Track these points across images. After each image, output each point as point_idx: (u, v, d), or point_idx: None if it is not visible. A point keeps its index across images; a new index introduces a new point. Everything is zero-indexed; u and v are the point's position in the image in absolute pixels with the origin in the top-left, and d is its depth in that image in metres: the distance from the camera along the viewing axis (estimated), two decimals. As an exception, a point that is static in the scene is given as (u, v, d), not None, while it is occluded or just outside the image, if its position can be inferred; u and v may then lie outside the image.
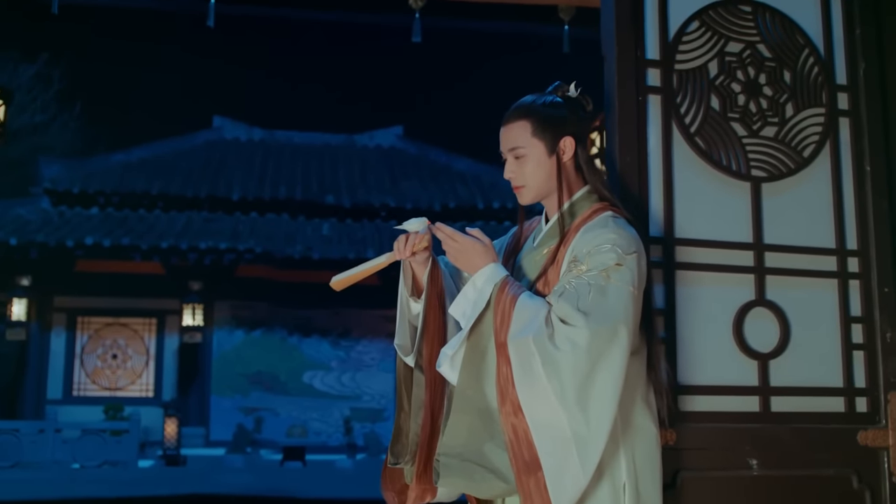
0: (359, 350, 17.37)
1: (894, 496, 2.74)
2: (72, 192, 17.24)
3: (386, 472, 2.40)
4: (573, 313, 2.06)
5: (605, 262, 2.13)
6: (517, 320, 2.09)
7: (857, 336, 2.83)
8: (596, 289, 2.10)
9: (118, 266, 15.96)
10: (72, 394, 16.72)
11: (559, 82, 2.40)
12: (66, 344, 16.95)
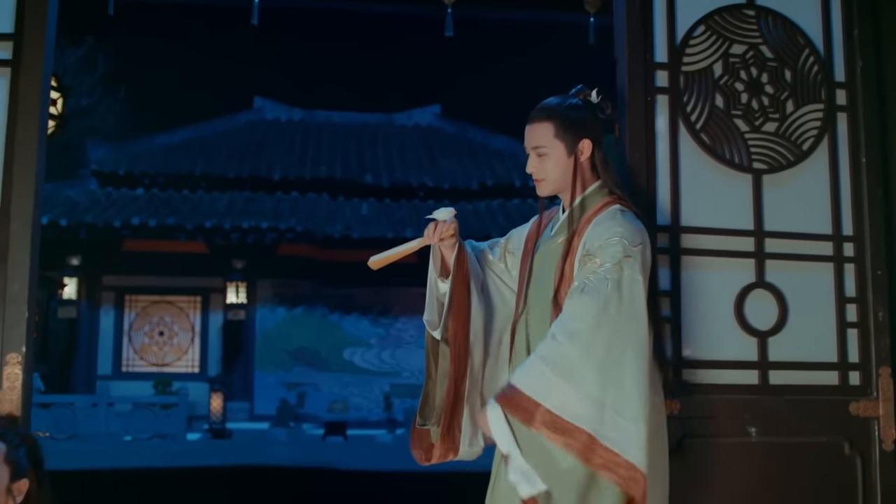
0: (398, 327, 17.68)
1: (883, 462, 2.99)
2: (118, 173, 17.67)
3: (414, 432, 2.69)
4: (596, 304, 2.31)
5: (615, 254, 2.37)
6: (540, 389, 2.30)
7: (852, 315, 3.07)
8: (613, 282, 2.35)
9: (163, 245, 16.38)
10: (121, 369, 17.23)
11: (582, 86, 2.64)
12: (114, 321, 17.44)
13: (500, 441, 2.30)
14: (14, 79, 2.77)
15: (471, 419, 2.60)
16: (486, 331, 2.66)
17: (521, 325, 2.60)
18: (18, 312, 2.66)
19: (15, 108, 2.75)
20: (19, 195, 2.71)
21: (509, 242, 2.78)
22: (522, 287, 2.64)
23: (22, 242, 2.69)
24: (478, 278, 2.66)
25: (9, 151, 2.74)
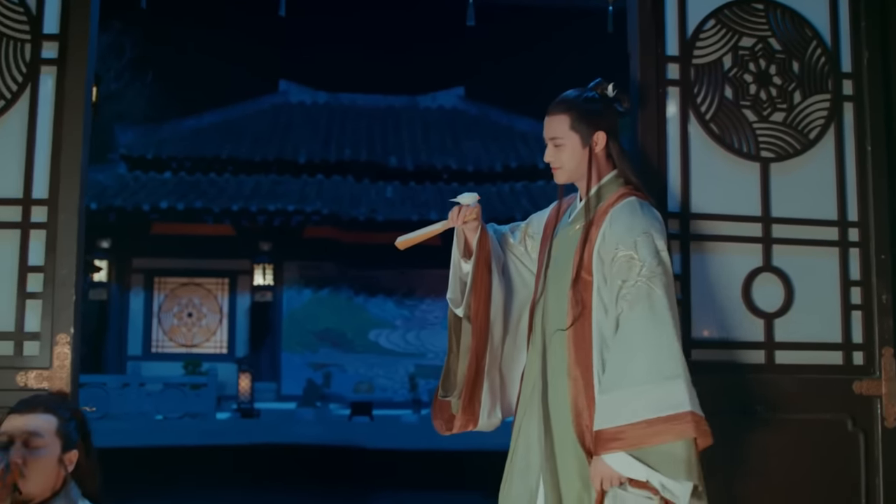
0: (423, 309, 17.87)
1: (885, 438, 3.13)
2: (146, 157, 17.93)
3: (436, 403, 2.86)
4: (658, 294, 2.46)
5: (652, 248, 2.50)
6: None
7: (856, 298, 3.21)
8: (663, 270, 2.49)
9: (191, 228, 16.64)
10: (151, 350, 17.55)
11: (600, 79, 2.77)
12: (144, 303, 17.75)
13: (635, 473, 2.42)
14: (60, 77, 2.94)
15: (490, 393, 2.77)
16: (506, 309, 2.81)
17: (539, 305, 2.74)
18: (67, 296, 2.85)
19: (61, 104, 2.93)
20: (66, 187, 2.89)
21: (529, 226, 2.93)
22: (541, 270, 2.78)
23: (69, 231, 2.87)
24: (499, 260, 2.81)
25: (55, 146, 2.91)
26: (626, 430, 2.39)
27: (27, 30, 2.97)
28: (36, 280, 2.88)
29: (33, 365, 2.83)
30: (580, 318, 2.57)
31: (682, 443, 2.38)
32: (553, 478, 2.58)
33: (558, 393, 2.61)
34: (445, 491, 7.76)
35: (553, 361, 2.65)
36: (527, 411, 2.71)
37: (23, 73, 2.95)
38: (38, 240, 2.89)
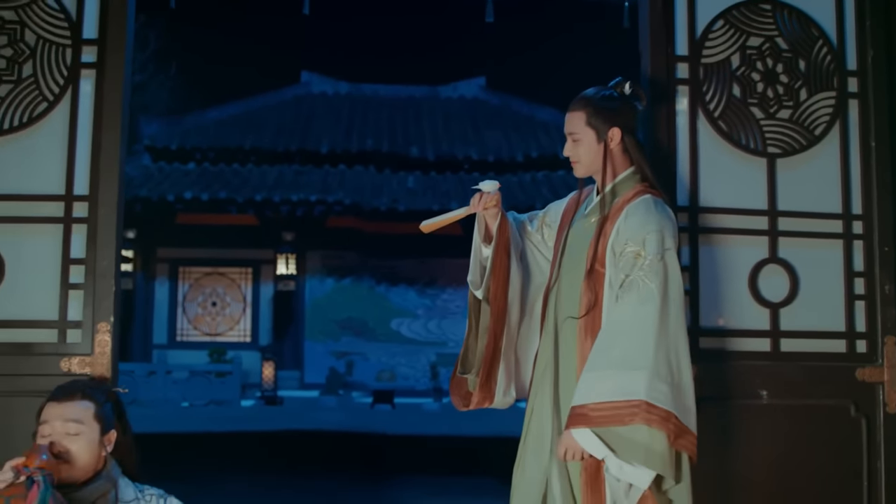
0: (444, 298, 18.02)
1: (887, 423, 3.25)
2: (170, 148, 18.15)
3: (454, 380, 3.02)
4: (650, 288, 2.59)
5: (658, 247, 2.63)
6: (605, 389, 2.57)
7: (859, 288, 3.33)
8: (664, 268, 2.61)
9: (215, 218, 16.85)
10: (175, 339, 17.80)
11: (619, 79, 2.90)
12: (169, 292, 18.00)
13: (595, 451, 2.55)
14: (99, 80, 3.11)
15: (506, 372, 2.92)
16: (524, 293, 2.96)
17: (553, 292, 2.88)
18: (107, 286, 3.02)
19: (100, 106, 3.09)
20: (105, 184, 3.06)
21: (547, 216, 3.06)
22: (556, 258, 2.92)
23: (108, 225, 3.04)
24: (517, 246, 2.95)
25: (95, 145, 3.08)
26: (590, 408, 2.54)
27: (68, 35, 3.13)
28: (78, 272, 3.05)
29: (76, 352, 3.00)
30: (592, 309, 2.72)
31: (644, 429, 2.50)
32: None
33: (568, 377, 2.76)
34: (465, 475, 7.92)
35: (564, 347, 2.79)
36: (539, 394, 2.86)
37: (64, 77, 3.12)
38: (80, 234, 3.06)
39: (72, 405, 2.52)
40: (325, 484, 7.91)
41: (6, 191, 3.06)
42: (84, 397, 2.55)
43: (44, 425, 2.50)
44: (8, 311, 3.03)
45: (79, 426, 2.50)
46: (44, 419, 2.51)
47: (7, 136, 3.08)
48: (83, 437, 2.50)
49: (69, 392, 2.56)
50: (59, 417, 2.49)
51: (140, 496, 2.58)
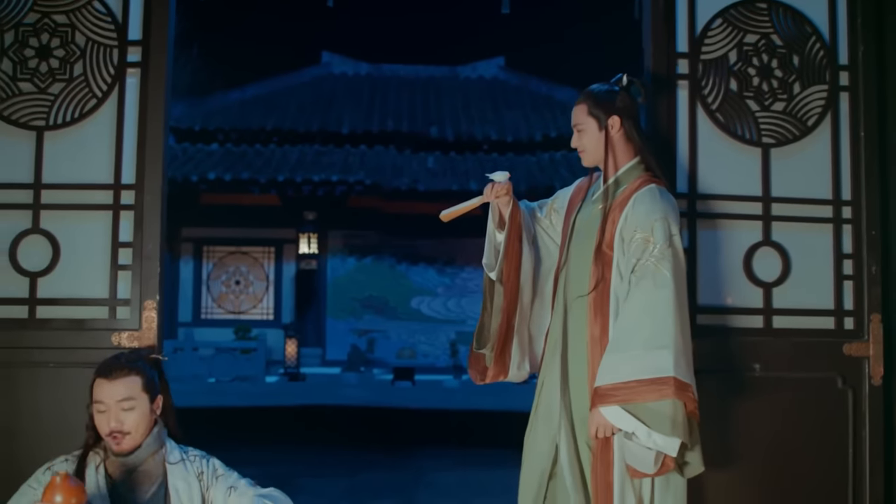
0: (463, 277, 18.21)
1: (872, 395, 3.50)
2: (193, 129, 18.38)
3: (472, 355, 3.28)
4: (664, 274, 2.83)
5: (666, 233, 2.88)
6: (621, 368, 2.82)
7: (848, 269, 3.57)
8: (673, 253, 2.87)
9: (238, 198, 17.08)
10: (200, 317, 18.11)
11: (620, 75, 3.14)
12: (193, 271, 18.29)
13: (625, 425, 2.80)
14: (143, 78, 3.38)
15: (519, 348, 3.19)
16: (535, 275, 3.21)
17: (563, 273, 3.13)
18: (152, 267, 3.31)
19: (144, 102, 3.37)
20: (150, 173, 3.34)
21: (555, 202, 3.31)
22: (565, 241, 3.17)
23: (153, 212, 3.33)
24: (529, 231, 3.20)
25: (140, 138, 3.36)
26: (619, 387, 2.78)
27: (114, 37, 3.41)
28: (126, 254, 3.34)
29: (125, 327, 3.30)
30: (600, 287, 2.97)
31: (668, 402, 2.75)
32: (569, 424, 3.00)
33: (577, 352, 3.01)
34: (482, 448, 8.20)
35: (573, 325, 3.04)
36: (549, 367, 3.11)
37: (111, 75, 3.40)
38: (127, 219, 3.35)
39: (121, 383, 2.74)
40: (346, 455, 8.22)
41: (60, 180, 3.35)
42: (131, 372, 2.77)
43: (98, 405, 2.73)
44: (63, 290, 3.33)
45: (131, 402, 2.73)
46: (97, 399, 2.74)
47: (61, 130, 3.37)
48: (136, 409, 2.74)
49: (117, 369, 2.76)
50: (111, 398, 2.72)
51: (185, 457, 2.84)
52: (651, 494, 2.93)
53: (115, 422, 2.71)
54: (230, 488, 2.82)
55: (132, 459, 2.76)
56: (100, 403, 2.73)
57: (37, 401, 3.29)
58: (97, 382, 2.76)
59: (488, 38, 22.21)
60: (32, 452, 3.14)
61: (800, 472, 3.45)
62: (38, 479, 2.76)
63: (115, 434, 2.72)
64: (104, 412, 2.72)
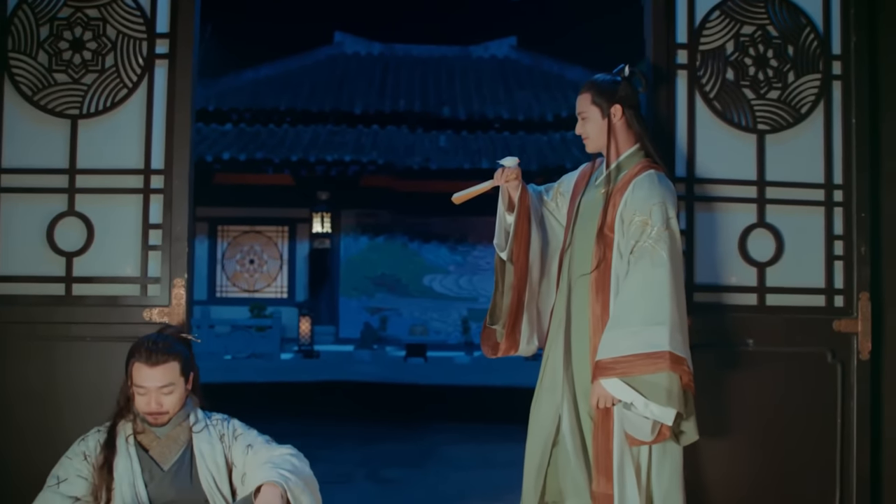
0: (475, 255, 18.36)
1: (860, 368, 3.70)
2: (208, 109, 18.49)
3: (484, 331, 3.49)
4: (661, 254, 3.02)
5: (663, 216, 3.07)
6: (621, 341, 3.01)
7: (838, 250, 3.76)
8: (669, 235, 3.06)
9: (252, 178, 17.25)
10: (215, 295, 18.34)
11: (622, 65, 3.32)
12: (208, 250, 18.50)
13: (624, 396, 3.00)
14: (171, 68, 3.58)
15: (529, 323, 3.38)
16: (543, 255, 3.41)
17: (567, 254, 3.33)
18: (181, 247, 3.53)
19: (172, 91, 3.57)
20: (178, 159, 3.55)
21: (561, 186, 3.51)
22: (570, 223, 3.36)
23: (181, 195, 3.54)
24: (537, 213, 3.40)
25: (168, 126, 3.57)
26: (619, 360, 2.99)
27: (143, 30, 3.61)
28: (156, 235, 3.56)
29: (156, 303, 3.52)
30: (601, 267, 3.17)
31: (664, 375, 2.96)
32: (572, 395, 3.21)
33: (579, 327, 3.22)
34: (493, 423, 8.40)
35: (576, 302, 3.25)
36: (554, 342, 3.31)
37: (140, 66, 3.60)
38: (157, 202, 3.56)
39: (161, 370, 2.91)
40: (360, 428, 8.44)
41: (94, 166, 3.57)
42: (170, 358, 2.94)
43: (139, 388, 2.90)
44: (97, 269, 3.55)
45: (171, 387, 2.93)
46: (138, 384, 2.89)
47: (93, 118, 3.58)
48: (175, 392, 2.94)
49: (157, 355, 2.92)
50: (153, 384, 2.90)
51: (208, 421, 3.04)
52: (648, 461, 3.13)
53: (156, 404, 2.92)
54: (248, 447, 2.99)
55: (163, 429, 2.96)
56: (141, 388, 2.91)
57: (73, 373, 3.52)
58: (137, 367, 2.91)
59: (500, 17, 22.29)
60: (69, 421, 3.39)
61: (790, 442, 3.66)
62: (74, 451, 2.96)
63: (154, 414, 2.93)
64: (144, 395, 2.92)
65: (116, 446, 2.93)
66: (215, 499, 2.93)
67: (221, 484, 2.95)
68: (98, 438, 2.95)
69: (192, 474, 2.94)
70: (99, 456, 2.91)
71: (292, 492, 2.75)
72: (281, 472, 2.80)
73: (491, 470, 6.20)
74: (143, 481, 2.89)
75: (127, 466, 2.90)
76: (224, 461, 2.98)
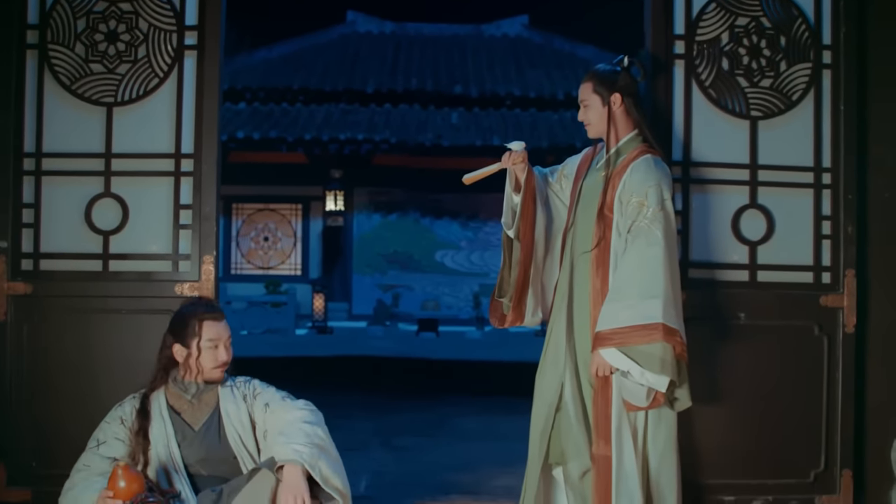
0: (486, 231, 18.50)
1: (845, 341, 3.94)
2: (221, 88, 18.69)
3: (492, 303, 3.71)
4: (656, 233, 3.25)
5: (658, 199, 3.28)
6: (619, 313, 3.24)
7: (826, 229, 3.99)
8: (662, 221, 3.26)
9: (266, 157, 17.43)
10: (230, 272, 18.59)
11: (622, 56, 3.54)
12: (223, 228, 18.73)
13: (621, 365, 3.24)
14: (199, 59, 3.83)
15: (534, 297, 3.61)
16: (547, 233, 3.63)
17: (570, 232, 3.56)
18: (210, 226, 3.79)
19: (201, 80, 3.82)
20: (207, 144, 3.81)
21: (565, 168, 3.72)
22: (572, 204, 3.59)
23: (210, 177, 3.80)
24: (542, 194, 3.62)
25: (198, 112, 3.82)
26: (616, 332, 3.22)
27: (173, 23, 3.85)
28: (186, 215, 3.82)
29: (187, 278, 3.79)
30: (601, 245, 3.40)
31: (658, 345, 3.19)
32: (573, 364, 3.45)
33: (581, 301, 3.45)
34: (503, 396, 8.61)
35: (578, 277, 3.48)
36: (557, 315, 3.54)
37: (171, 57, 3.85)
38: (187, 184, 3.82)
39: (225, 324, 3.25)
40: (373, 400, 8.69)
41: (128, 150, 3.83)
42: (224, 316, 3.29)
43: (211, 342, 3.17)
44: (132, 247, 3.82)
45: (230, 340, 3.25)
46: (211, 337, 3.17)
47: (127, 106, 3.84)
48: (230, 347, 3.25)
49: (219, 312, 3.27)
50: (223, 335, 3.21)
51: (233, 384, 3.29)
52: (645, 426, 3.38)
53: (227, 355, 3.21)
54: (266, 405, 3.24)
55: (203, 389, 3.22)
56: (214, 340, 3.19)
57: (108, 343, 3.80)
58: (208, 324, 3.19)
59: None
60: (104, 389, 3.67)
61: (779, 409, 3.91)
62: (112, 416, 3.21)
63: (223, 365, 3.21)
64: (216, 348, 3.19)
65: (150, 414, 3.17)
66: (242, 455, 3.17)
67: (247, 441, 3.19)
68: (134, 404, 3.20)
69: (220, 434, 3.18)
70: (134, 422, 3.15)
71: (309, 463, 2.95)
72: (296, 448, 2.98)
73: (499, 441, 6.41)
74: (176, 442, 3.13)
75: (161, 430, 3.15)
76: (248, 420, 3.22)
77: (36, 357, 3.77)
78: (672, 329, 3.22)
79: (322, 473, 2.97)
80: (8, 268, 3.76)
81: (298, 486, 2.90)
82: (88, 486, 3.01)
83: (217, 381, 3.23)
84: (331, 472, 3.00)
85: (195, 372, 3.20)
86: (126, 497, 2.83)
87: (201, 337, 3.18)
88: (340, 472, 3.07)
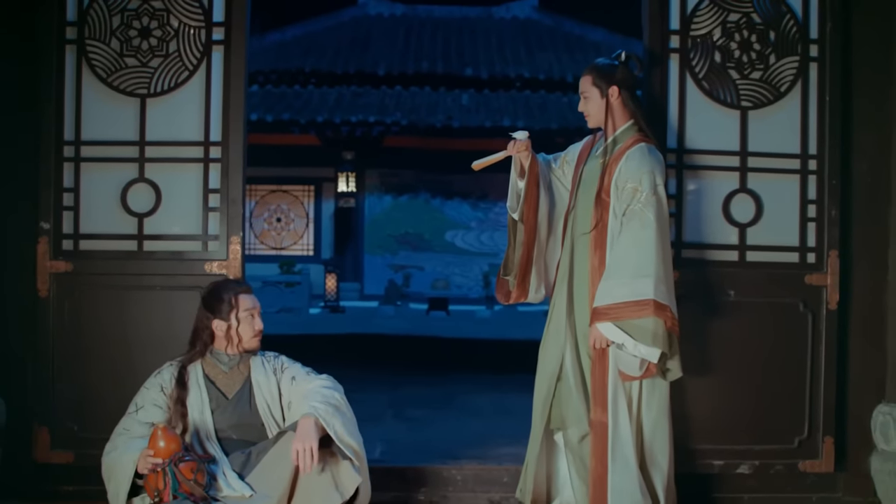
0: (496, 211, 18.65)
1: (828, 317, 4.20)
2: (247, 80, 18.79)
3: (498, 281, 3.98)
4: (649, 217, 3.51)
5: (651, 185, 3.55)
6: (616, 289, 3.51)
7: (811, 213, 4.24)
8: (655, 205, 3.54)
9: (279, 139, 17.56)
10: (245, 252, 18.83)
11: (620, 51, 3.81)
12: (237, 209, 18.94)
13: (616, 338, 3.52)
14: (227, 53, 4.11)
15: (537, 275, 3.87)
16: (550, 216, 3.88)
17: (571, 215, 3.82)
18: (237, 209, 4.07)
19: (228, 73, 4.10)
20: (233, 132, 4.08)
21: (567, 155, 3.98)
22: (573, 188, 3.85)
23: (236, 164, 4.07)
24: (545, 179, 3.87)
25: (225, 103, 4.09)
26: (612, 307, 3.50)
27: (202, 20, 4.12)
28: (215, 198, 4.10)
29: (215, 258, 4.08)
30: (599, 227, 3.66)
31: (650, 319, 3.47)
32: (573, 338, 3.72)
33: (580, 278, 3.72)
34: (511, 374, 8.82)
35: (578, 257, 3.75)
36: (558, 292, 3.81)
37: (200, 51, 4.12)
38: (216, 170, 4.10)
39: (255, 296, 3.56)
40: (385, 375, 8.91)
41: (160, 138, 4.11)
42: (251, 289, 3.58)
43: (249, 311, 3.47)
44: (165, 228, 4.11)
45: (260, 311, 3.53)
46: (248, 307, 3.47)
47: (159, 97, 4.12)
48: (261, 318, 3.53)
49: (249, 286, 3.57)
50: (257, 306, 3.52)
51: (263, 358, 3.58)
52: (639, 394, 3.66)
53: (260, 323, 3.51)
54: (292, 378, 3.51)
55: (236, 359, 3.50)
56: (250, 310, 3.49)
57: (142, 318, 4.09)
58: (242, 297, 3.48)
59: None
60: (139, 358, 3.98)
61: (766, 380, 4.18)
62: (151, 382, 3.48)
63: (259, 333, 3.50)
64: (252, 317, 3.49)
65: (188, 384, 3.45)
66: (269, 423, 3.46)
67: (275, 411, 3.48)
68: (172, 372, 3.47)
69: (250, 402, 3.47)
70: (173, 391, 3.43)
71: (323, 418, 3.21)
72: (313, 404, 3.24)
73: (509, 418, 6.61)
74: (210, 409, 3.42)
75: (197, 397, 3.43)
76: (277, 391, 3.50)
77: (76, 330, 4.06)
78: (662, 305, 3.49)
79: (336, 431, 3.20)
80: (50, 248, 4.06)
81: (308, 434, 3.12)
82: (129, 447, 3.27)
83: (255, 349, 3.52)
84: (345, 431, 3.24)
85: (236, 341, 3.47)
86: (165, 455, 3.10)
87: (238, 308, 3.46)
88: (355, 433, 3.32)
